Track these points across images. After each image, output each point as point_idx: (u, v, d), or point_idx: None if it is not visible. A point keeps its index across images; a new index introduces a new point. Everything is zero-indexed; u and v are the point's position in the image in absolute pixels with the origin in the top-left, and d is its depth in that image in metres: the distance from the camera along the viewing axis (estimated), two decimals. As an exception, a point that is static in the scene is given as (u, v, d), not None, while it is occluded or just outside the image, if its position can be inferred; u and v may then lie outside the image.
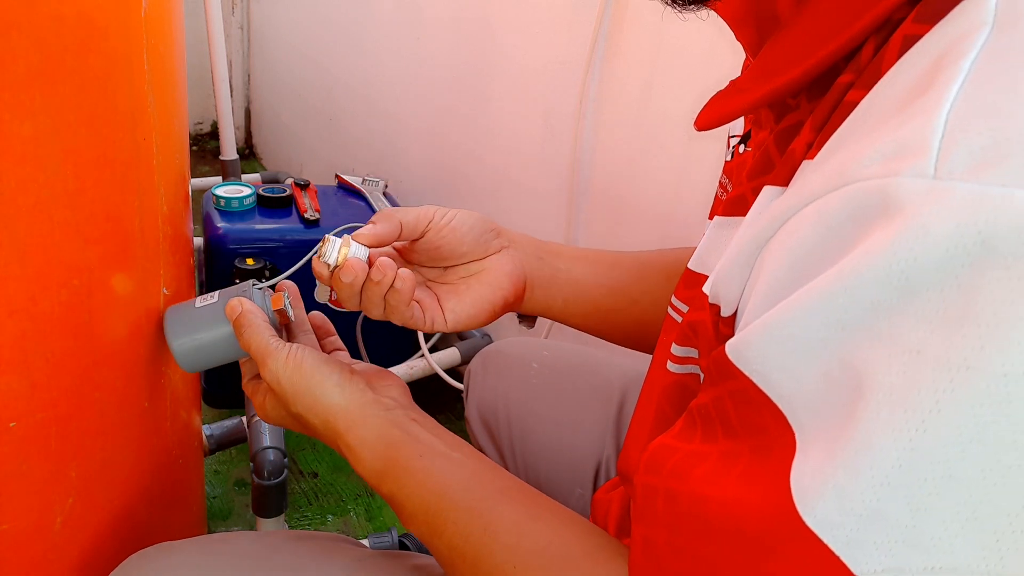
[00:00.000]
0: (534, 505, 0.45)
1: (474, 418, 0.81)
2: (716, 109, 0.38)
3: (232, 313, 0.54)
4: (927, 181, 0.24)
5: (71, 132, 0.48)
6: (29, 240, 0.48)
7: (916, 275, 0.24)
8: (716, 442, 0.32)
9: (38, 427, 0.53)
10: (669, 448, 0.34)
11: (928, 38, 0.27)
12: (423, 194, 1.48)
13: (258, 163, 2.33)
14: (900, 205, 0.24)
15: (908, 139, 0.25)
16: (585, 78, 1.03)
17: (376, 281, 0.51)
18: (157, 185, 0.58)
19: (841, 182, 0.26)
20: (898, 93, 0.27)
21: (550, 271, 0.61)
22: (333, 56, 1.75)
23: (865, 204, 0.25)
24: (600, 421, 0.74)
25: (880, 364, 0.25)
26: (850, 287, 0.25)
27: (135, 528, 0.67)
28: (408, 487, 0.47)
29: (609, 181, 1.05)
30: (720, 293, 0.34)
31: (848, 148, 0.27)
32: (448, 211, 0.57)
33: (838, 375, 0.26)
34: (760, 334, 0.29)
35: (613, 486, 0.61)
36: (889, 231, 0.24)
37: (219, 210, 1.23)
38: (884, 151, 0.25)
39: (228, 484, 1.21)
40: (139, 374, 0.62)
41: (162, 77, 0.56)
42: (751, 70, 0.36)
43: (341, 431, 0.50)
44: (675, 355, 0.42)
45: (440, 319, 0.56)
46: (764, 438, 0.29)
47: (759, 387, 0.29)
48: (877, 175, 0.25)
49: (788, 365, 0.28)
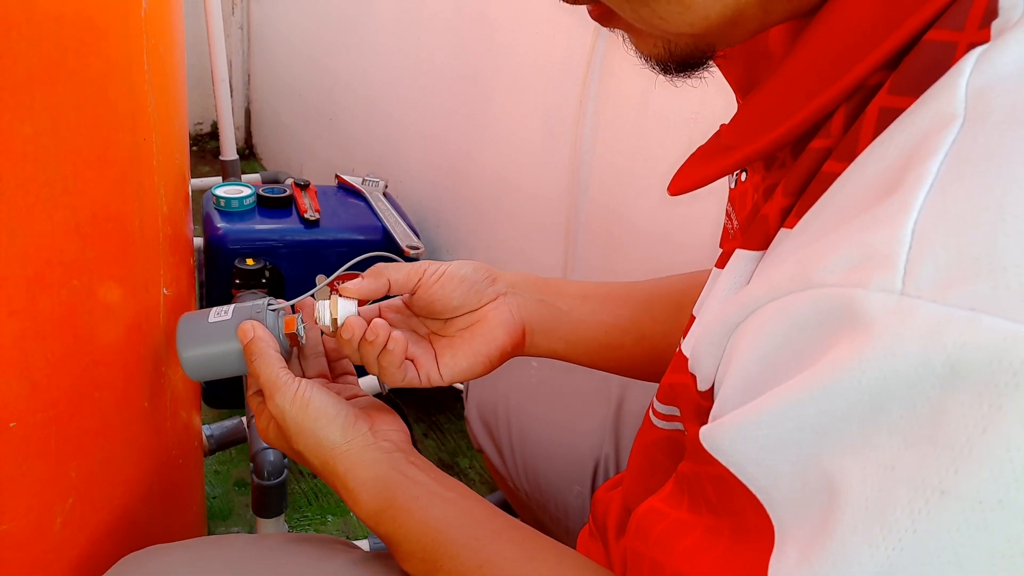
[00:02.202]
0: (531, 545, 0.46)
1: (474, 417, 0.81)
2: (693, 172, 0.37)
3: (244, 337, 0.54)
4: (894, 297, 0.24)
5: (71, 132, 0.48)
6: (29, 240, 0.48)
7: (885, 391, 0.24)
8: (701, 515, 0.32)
9: (38, 427, 0.53)
10: (658, 513, 0.35)
11: (902, 122, 0.27)
12: (423, 194, 1.48)
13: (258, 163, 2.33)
14: (867, 321, 0.24)
15: (874, 248, 0.24)
16: (585, 78, 1.03)
17: (370, 341, 0.52)
18: (157, 185, 0.58)
19: (807, 284, 0.26)
20: (868, 182, 0.27)
21: (551, 313, 0.59)
22: (333, 56, 1.75)
23: (831, 311, 0.25)
24: (599, 420, 0.74)
25: (854, 475, 0.25)
26: (819, 397, 0.25)
27: (135, 528, 0.67)
28: (405, 526, 0.48)
29: (609, 182, 1.05)
30: (697, 367, 0.35)
31: (815, 244, 0.27)
32: (440, 266, 0.57)
33: (812, 477, 0.26)
34: (734, 429, 0.29)
35: (613, 485, 0.61)
36: (856, 346, 0.24)
37: (219, 210, 1.23)
38: (850, 258, 0.25)
39: (228, 484, 1.21)
40: (139, 374, 0.62)
41: (162, 77, 0.56)
42: (735, 124, 0.36)
43: (340, 473, 0.51)
44: (658, 411, 0.43)
45: (436, 375, 0.56)
46: (743, 521, 0.29)
47: (735, 475, 0.29)
48: (843, 283, 0.25)
49: (763, 460, 0.28)
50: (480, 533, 0.47)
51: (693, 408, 0.36)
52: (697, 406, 0.35)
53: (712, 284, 0.39)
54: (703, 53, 0.34)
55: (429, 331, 0.59)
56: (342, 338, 0.53)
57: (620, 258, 1.06)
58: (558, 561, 0.45)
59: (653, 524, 0.34)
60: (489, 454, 0.80)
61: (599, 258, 1.09)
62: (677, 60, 0.35)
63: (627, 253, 1.04)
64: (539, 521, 0.76)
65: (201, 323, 0.57)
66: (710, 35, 0.33)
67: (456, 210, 1.40)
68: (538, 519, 0.77)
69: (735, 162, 0.34)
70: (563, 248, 1.14)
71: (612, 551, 0.56)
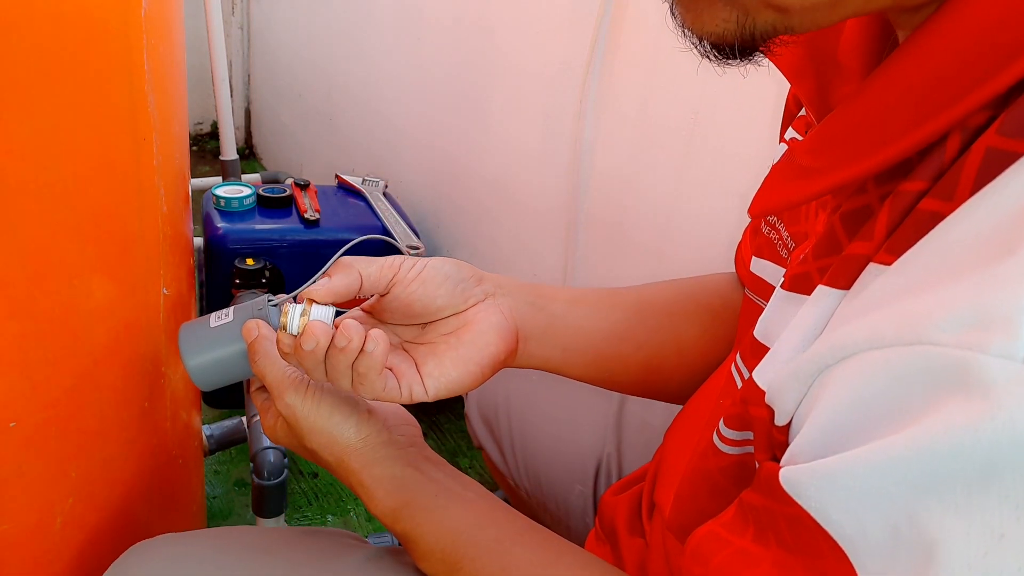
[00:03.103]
0: (552, 549, 0.46)
1: (474, 415, 0.81)
2: (777, 194, 0.35)
3: (248, 336, 0.51)
4: (1014, 364, 0.23)
5: (71, 132, 0.48)
6: (29, 240, 0.48)
7: (1000, 460, 0.23)
8: (769, 547, 0.31)
9: (38, 427, 0.53)
10: (719, 540, 0.34)
11: (1017, 169, 0.26)
12: (423, 194, 1.48)
13: (258, 163, 2.33)
14: (984, 386, 0.24)
15: (992, 311, 0.24)
16: (585, 80, 1.03)
17: (340, 348, 0.44)
18: (157, 185, 0.58)
19: (915, 339, 0.26)
20: (982, 233, 0.26)
21: (545, 318, 0.54)
22: (333, 56, 1.75)
23: (942, 371, 0.25)
24: (601, 418, 0.74)
25: (957, 536, 0.25)
26: (926, 456, 0.25)
27: (135, 528, 0.67)
28: (423, 526, 0.48)
29: (609, 182, 1.05)
30: (775, 401, 0.33)
31: (925, 296, 0.26)
32: (418, 261, 0.51)
33: (906, 531, 0.26)
34: (822, 477, 0.28)
35: (620, 489, 0.61)
36: (972, 410, 0.24)
37: (219, 210, 1.23)
38: (964, 318, 0.24)
39: (228, 484, 1.21)
40: (139, 374, 0.62)
41: (162, 77, 0.56)
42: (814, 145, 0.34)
43: (355, 469, 0.50)
44: (726, 437, 0.40)
45: (419, 387, 0.48)
46: (821, 563, 0.29)
47: (817, 521, 0.29)
48: (956, 344, 0.24)
49: (852, 509, 0.27)
50: (502, 536, 0.46)
51: (766, 439, 0.35)
52: (770, 439, 0.34)
53: (784, 310, 0.37)
54: (777, 34, 0.32)
55: (402, 340, 0.53)
56: (301, 350, 0.45)
57: (620, 258, 1.06)
58: (581, 566, 0.45)
59: (714, 551, 0.34)
60: (490, 452, 0.80)
61: (599, 258, 1.09)
62: (744, 39, 0.31)
63: (627, 253, 1.04)
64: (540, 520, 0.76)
65: (203, 329, 0.56)
66: (801, 13, 0.30)
67: (456, 210, 1.40)
68: (539, 518, 0.77)
69: (823, 189, 0.33)
70: (563, 248, 1.14)
71: (623, 551, 0.56)
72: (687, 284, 0.61)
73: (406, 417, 0.55)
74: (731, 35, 0.31)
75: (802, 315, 0.34)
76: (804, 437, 0.30)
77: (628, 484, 0.61)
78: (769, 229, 0.47)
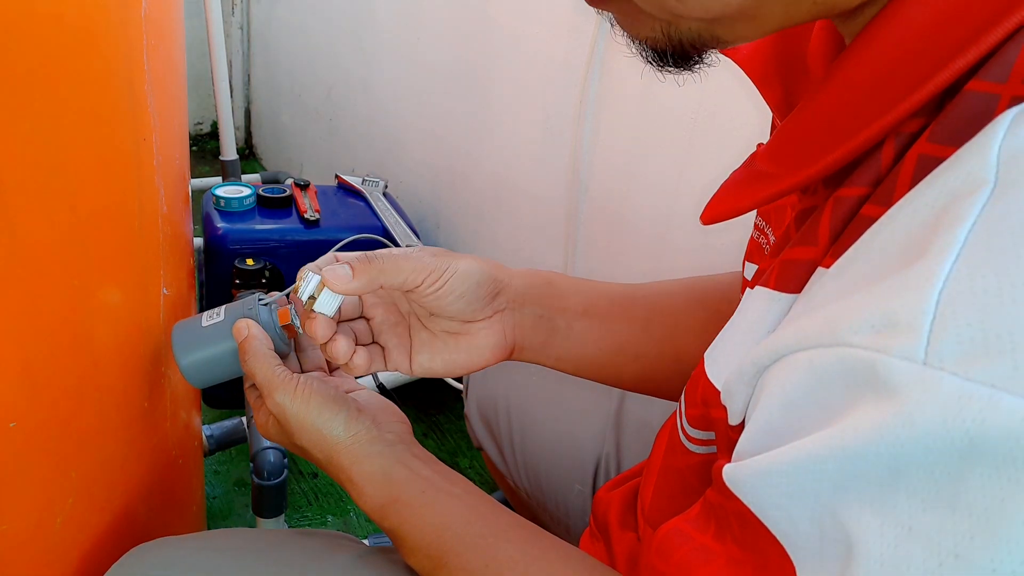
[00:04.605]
0: (537, 544, 0.46)
1: (474, 415, 0.81)
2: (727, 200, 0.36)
3: (238, 335, 0.53)
4: (916, 367, 0.24)
5: (71, 132, 0.48)
6: (29, 240, 0.48)
7: (905, 456, 0.24)
8: (726, 544, 0.32)
9: (38, 427, 0.53)
10: (682, 535, 0.35)
11: (935, 177, 0.26)
12: (423, 194, 1.48)
13: (258, 163, 2.33)
14: (890, 387, 0.25)
15: (899, 314, 0.25)
16: (585, 78, 1.03)
17: (331, 355, 0.51)
18: (157, 185, 0.58)
19: (833, 340, 0.27)
20: (898, 239, 0.27)
21: (546, 331, 0.57)
22: (333, 56, 1.75)
23: (855, 372, 0.26)
24: (600, 417, 0.74)
25: (872, 531, 0.26)
26: (840, 456, 0.26)
27: (135, 528, 0.67)
28: (410, 521, 0.48)
29: (609, 181, 1.05)
30: (728, 402, 0.35)
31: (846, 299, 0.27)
32: (445, 271, 0.51)
33: (830, 528, 0.27)
34: (756, 474, 0.30)
35: (614, 485, 0.61)
36: (878, 412, 0.25)
37: (219, 210, 1.23)
38: (875, 321, 0.25)
39: (228, 484, 1.21)
40: (139, 374, 0.62)
41: (162, 77, 0.56)
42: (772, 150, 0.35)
43: (344, 466, 0.50)
44: (692, 436, 0.42)
45: (405, 367, 0.55)
46: (766, 560, 0.30)
47: (758, 517, 0.30)
48: (867, 346, 0.25)
49: (783, 505, 0.29)
50: (486, 531, 0.47)
51: (724, 440, 0.36)
52: (728, 439, 0.35)
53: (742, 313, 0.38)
54: (704, 44, 0.33)
55: (411, 311, 0.57)
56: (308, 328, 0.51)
57: (620, 258, 1.06)
58: (564, 561, 0.45)
59: (676, 546, 0.34)
60: (489, 452, 0.80)
61: (599, 258, 1.09)
62: (674, 48, 0.33)
63: (627, 253, 1.04)
64: (539, 520, 0.76)
65: (194, 328, 0.57)
66: (721, 25, 0.31)
67: (456, 210, 1.40)
68: (538, 518, 0.77)
69: (773, 194, 0.33)
70: (563, 248, 1.14)
71: (615, 546, 0.56)
72: (700, 287, 0.61)
73: (396, 414, 0.55)
74: (661, 42, 0.32)
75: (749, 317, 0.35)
76: (746, 435, 0.31)
77: (623, 480, 0.62)
78: (758, 233, 0.48)
